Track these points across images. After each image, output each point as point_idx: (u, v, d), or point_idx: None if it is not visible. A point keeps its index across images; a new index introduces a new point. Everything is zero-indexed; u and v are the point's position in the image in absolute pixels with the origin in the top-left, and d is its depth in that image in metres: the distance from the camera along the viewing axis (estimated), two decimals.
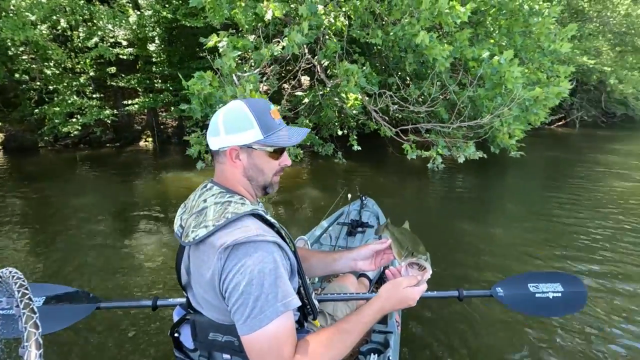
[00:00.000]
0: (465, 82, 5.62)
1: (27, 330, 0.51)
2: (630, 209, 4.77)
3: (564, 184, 6.23)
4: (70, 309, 1.29)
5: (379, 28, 4.22)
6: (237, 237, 0.77)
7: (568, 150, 10.09)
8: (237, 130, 0.88)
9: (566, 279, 1.38)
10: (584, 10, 9.72)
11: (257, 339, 0.74)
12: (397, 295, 0.88)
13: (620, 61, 10.28)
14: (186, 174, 6.79)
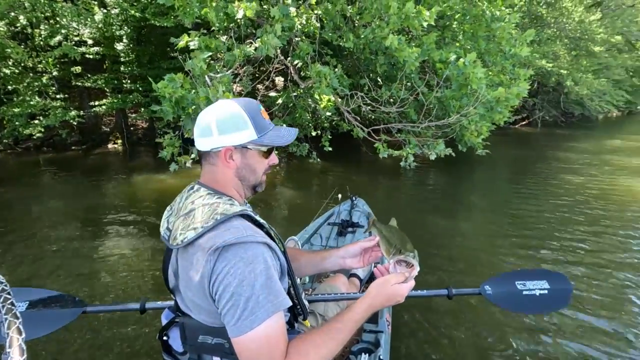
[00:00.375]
0: (434, 84, 5.86)
1: (9, 336, 0.50)
2: (585, 201, 5.14)
3: (527, 179, 6.61)
4: (55, 313, 1.26)
5: (350, 31, 4.33)
6: (227, 239, 0.76)
7: (530, 148, 10.67)
8: (232, 130, 0.87)
9: (552, 276, 1.39)
10: (542, 17, 10.31)
11: (248, 340, 0.74)
12: (386, 292, 0.88)
13: (576, 64, 11.00)
14: (158, 176, 6.64)
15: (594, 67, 12.68)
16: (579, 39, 10.84)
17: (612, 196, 5.40)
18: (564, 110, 16.09)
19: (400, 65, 4.33)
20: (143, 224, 4.40)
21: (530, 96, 15.53)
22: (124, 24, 7.89)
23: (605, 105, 15.07)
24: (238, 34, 4.92)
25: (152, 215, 4.65)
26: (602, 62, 12.89)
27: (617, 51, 15.36)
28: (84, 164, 8.24)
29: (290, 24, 3.72)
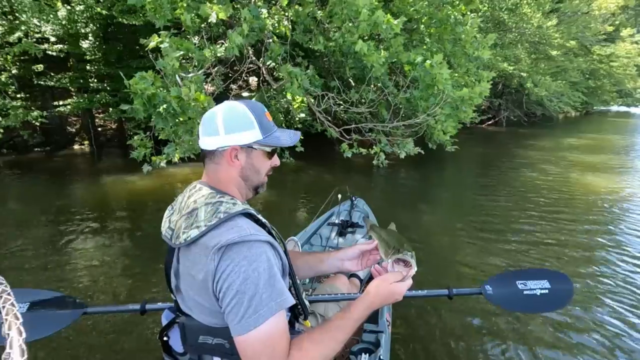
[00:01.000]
0: (403, 85, 6.08)
1: (9, 337, 0.50)
2: (539, 193, 5.51)
3: (491, 174, 6.99)
4: (56, 314, 1.26)
5: (321, 34, 4.44)
6: (230, 237, 0.76)
7: (495, 146, 11.22)
8: (239, 129, 0.87)
9: (554, 275, 1.40)
10: (504, 22, 10.86)
11: (252, 339, 0.74)
12: (385, 290, 0.89)
13: (535, 67, 11.68)
14: (129, 177, 6.50)
15: (552, 70, 13.48)
16: (538, 43, 11.52)
17: (564, 188, 5.81)
18: (526, 111, 17.01)
19: (368, 68, 4.48)
20: (115, 226, 4.32)
21: (496, 97, 16.33)
22: (90, 21, 7.64)
23: (564, 105, 16.05)
24: (209, 34, 4.92)
25: (124, 218, 4.57)
26: (560, 66, 13.74)
27: (573, 55, 16.41)
28: (48, 166, 7.90)
29: (261, 25, 3.78)
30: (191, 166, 7.07)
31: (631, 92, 33.88)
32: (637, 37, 27.11)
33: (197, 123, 3.57)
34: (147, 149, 3.99)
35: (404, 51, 5.61)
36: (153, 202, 5.37)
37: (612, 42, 23.75)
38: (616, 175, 6.75)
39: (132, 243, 3.87)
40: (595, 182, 6.20)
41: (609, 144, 11.28)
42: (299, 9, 4.52)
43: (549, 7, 13.60)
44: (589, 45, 18.11)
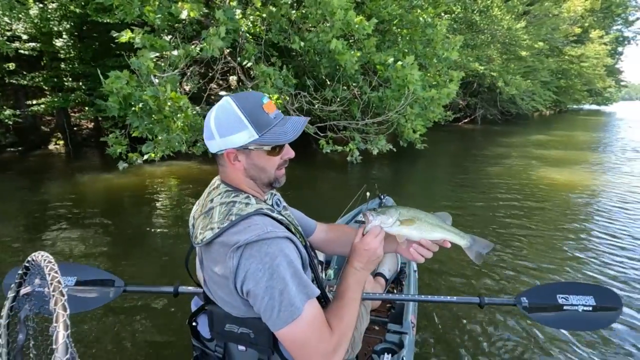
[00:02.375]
0: (375, 84, 6.31)
1: (56, 312, 0.53)
2: (508, 186, 5.83)
3: (464, 169, 7.31)
4: (100, 291, 1.33)
5: (296, 34, 4.60)
6: (249, 236, 0.76)
7: (469, 143, 11.65)
8: (230, 132, 0.83)
9: (601, 292, 1.28)
10: (476, 23, 11.28)
11: (295, 330, 0.75)
12: (356, 253, 0.90)
13: (506, 67, 12.18)
14: (105, 175, 6.49)
15: (523, 70, 14.06)
16: (508, 44, 12.02)
17: (527, 181, 6.17)
18: (501, 109, 17.66)
19: (342, 68, 4.67)
20: (91, 222, 4.37)
21: (471, 96, 16.88)
22: (64, 19, 7.55)
23: (535, 104, 16.75)
24: (184, 34, 5.01)
25: (99, 215, 4.61)
26: (530, 66, 14.35)
27: (545, 56, 17.12)
28: (21, 166, 7.77)
29: (235, 27, 3.91)
30: (169, 164, 7.12)
31: (601, 92, 35.49)
32: (606, 39, 28.51)
33: (172, 121, 3.67)
34: (122, 146, 4.06)
35: (377, 52, 5.84)
36: (130, 200, 5.41)
37: (582, 43, 24.86)
38: (583, 170, 7.20)
39: (109, 238, 3.95)
40: (558, 176, 6.59)
41: (576, 141, 11.90)
42: (273, 10, 4.67)
43: (521, 9, 14.20)
44: (560, 46, 18.93)
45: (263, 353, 0.87)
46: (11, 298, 0.73)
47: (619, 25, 35.84)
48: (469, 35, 11.31)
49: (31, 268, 0.75)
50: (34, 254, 0.73)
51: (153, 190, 5.80)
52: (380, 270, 1.91)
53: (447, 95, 5.78)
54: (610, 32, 32.44)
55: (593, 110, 46.65)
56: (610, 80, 36.50)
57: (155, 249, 3.65)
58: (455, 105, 14.77)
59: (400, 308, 1.74)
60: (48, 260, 0.66)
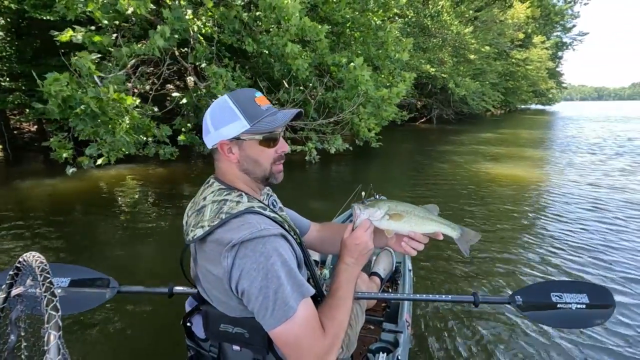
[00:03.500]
0: (330, 85, 6.48)
1: (47, 313, 0.53)
2: (454, 180, 6.21)
3: (419, 164, 7.67)
4: (94, 292, 1.31)
5: (249, 36, 4.63)
6: (242, 235, 0.76)
7: (424, 141, 12.21)
8: (223, 123, 0.86)
9: (594, 289, 1.30)
10: (428, 27, 11.84)
11: (289, 328, 0.75)
12: (346, 248, 0.91)
13: (456, 69, 12.92)
14: (49, 180, 6.12)
15: (472, 72, 14.95)
16: (458, 47, 12.75)
17: (478, 176, 6.60)
18: (455, 109, 18.64)
19: (294, 71, 4.76)
20: (32, 230, 4.13)
21: (427, 97, 17.67)
22: None
23: (485, 104, 17.84)
24: (132, 32, 4.87)
25: (42, 223, 4.36)
26: (479, 68, 15.28)
27: (493, 59, 18.29)
28: None
29: (183, 27, 3.88)
30: (124, 167, 6.85)
31: (544, 92, 38.48)
32: (547, 44, 30.96)
33: (118, 123, 3.58)
34: (67, 150, 3.89)
35: (331, 53, 6.01)
36: (78, 205, 5.16)
37: (527, 48, 26.83)
38: (526, 164, 7.80)
39: (52, 244, 3.76)
40: (499, 170, 7.12)
41: (518, 138, 12.86)
42: (224, 11, 4.67)
43: (471, 14, 15.08)
44: (507, 49, 20.30)
45: (258, 353, 0.87)
46: (2, 299, 0.72)
47: (559, 31, 39.04)
48: (422, 38, 11.86)
49: (22, 269, 0.74)
50: (25, 255, 0.72)
51: (102, 195, 5.57)
52: (375, 270, 1.92)
53: (397, 95, 6.05)
54: (551, 37, 35.21)
55: (539, 109, 50.27)
56: (553, 82, 39.69)
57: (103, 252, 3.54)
58: (412, 105, 15.41)
59: (396, 307, 1.76)
60: (40, 261, 0.66)
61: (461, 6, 12.95)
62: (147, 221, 4.21)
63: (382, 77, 7.22)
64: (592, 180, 6.20)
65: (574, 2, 40.03)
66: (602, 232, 3.84)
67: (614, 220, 4.21)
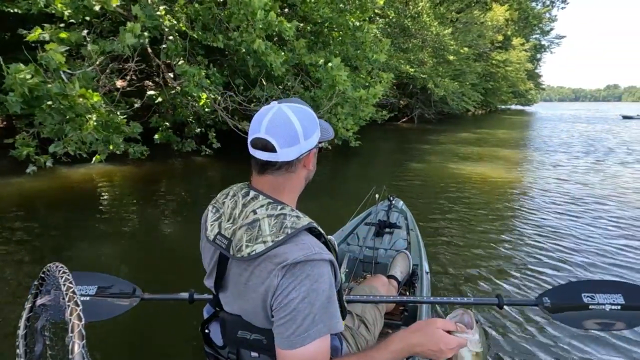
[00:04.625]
0: (309, 85, 6.51)
1: (71, 322, 0.53)
2: (428, 178, 6.36)
3: (398, 162, 7.80)
4: (119, 299, 1.34)
5: (221, 32, 4.61)
6: (296, 256, 0.75)
7: (404, 140, 12.40)
8: (312, 132, 0.84)
9: (631, 289, 1.21)
10: (409, 28, 12.00)
11: (296, 356, 0.75)
12: (427, 330, 0.83)
13: (435, 70, 13.16)
14: (15, 179, 5.95)
15: (451, 72, 15.25)
16: (437, 48, 12.99)
17: (444, 174, 6.77)
18: (436, 109, 18.97)
19: (269, 68, 4.76)
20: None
21: (408, 97, 17.91)
22: None
23: (465, 105, 18.22)
24: (103, 28, 4.78)
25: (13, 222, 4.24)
26: (458, 69, 15.60)
27: (473, 60, 18.69)
28: None
29: (154, 24, 3.83)
30: (94, 167, 6.70)
31: (523, 93, 39.61)
32: (526, 46, 31.85)
33: (85, 120, 3.51)
34: (30, 148, 3.79)
35: (309, 53, 6.03)
36: (45, 203, 5.04)
37: (506, 49, 27.53)
38: (502, 164, 8.03)
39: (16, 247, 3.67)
40: (469, 168, 7.32)
41: (494, 137, 13.21)
42: (198, 7, 4.63)
43: (452, 16, 15.37)
44: (488, 51, 20.76)
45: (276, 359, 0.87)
46: (28, 309, 0.74)
47: (537, 34, 40.20)
48: (402, 39, 12.02)
49: (47, 279, 0.75)
50: (49, 265, 0.73)
51: (72, 193, 5.44)
52: (393, 273, 1.88)
53: (374, 95, 6.12)
54: (530, 40, 36.22)
55: (518, 110, 51.62)
56: (531, 83, 40.89)
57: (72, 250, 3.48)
58: (394, 105, 15.60)
59: (414, 311, 1.74)
60: (62, 271, 0.67)
61: (440, 8, 13.18)
62: (116, 220, 4.15)
63: (360, 78, 7.29)
64: (563, 177, 6.45)
65: (552, 6, 41.41)
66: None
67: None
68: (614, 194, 5.48)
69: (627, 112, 29.90)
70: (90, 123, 3.18)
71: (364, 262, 2.18)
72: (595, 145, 10.94)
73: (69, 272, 0.67)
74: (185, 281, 2.22)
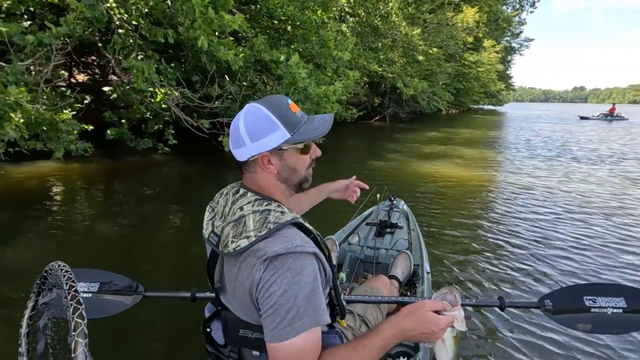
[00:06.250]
0: (271, 82, 6.43)
1: (73, 320, 0.53)
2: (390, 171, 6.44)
3: (361, 159, 7.85)
4: (122, 296, 1.34)
5: (171, 27, 4.47)
6: (277, 249, 0.75)
7: (373, 138, 12.52)
8: (263, 135, 0.82)
9: (632, 292, 1.22)
10: (379, 27, 12.10)
11: (284, 349, 0.74)
12: (418, 314, 0.83)
13: (405, 70, 13.35)
14: None
15: (421, 72, 15.50)
16: (407, 48, 13.17)
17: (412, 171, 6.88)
18: (410, 108, 19.28)
19: (224, 64, 4.67)
20: None
21: (381, 96, 18.12)
22: None
23: (436, 104, 18.60)
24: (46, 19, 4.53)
25: None
26: (429, 69, 15.89)
27: (445, 60, 19.08)
28: None
29: (94, 15, 3.67)
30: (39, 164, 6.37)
31: (495, 94, 40.92)
32: (497, 48, 32.88)
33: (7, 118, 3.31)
34: None
35: (270, 50, 5.95)
36: None
37: (478, 51, 28.30)
38: (465, 163, 8.24)
39: None
40: (429, 166, 7.48)
41: (459, 136, 13.57)
42: (149, 1, 4.47)
43: (424, 16, 15.61)
44: (459, 52, 21.25)
45: None
46: (30, 307, 0.75)
47: (508, 37, 41.59)
48: (372, 38, 12.11)
49: (49, 277, 0.75)
50: (51, 264, 0.73)
51: (17, 192, 5.16)
52: (394, 273, 1.88)
53: (334, 93, 6.11)
54: (501, 42, 37.42)
55: (490, 109, 53.34)
56: (502, 84, 42.29)
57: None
58: (366, 103, 15.73)
59: None
60: (65, 269, 0.67)
61: (409, 8, 13.36)
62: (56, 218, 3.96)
63: (325, 76, 7.28)
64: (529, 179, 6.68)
65: (521, 10, 42.94)
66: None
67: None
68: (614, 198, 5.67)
69: (583, 113, 31.61)
70: (12, 120, 2.98)
71: (365, 262, 2.19)
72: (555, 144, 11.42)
73: (71, 271, 0.67)
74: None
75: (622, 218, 4.40)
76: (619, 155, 9.52)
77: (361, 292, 1.45)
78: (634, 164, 8.26)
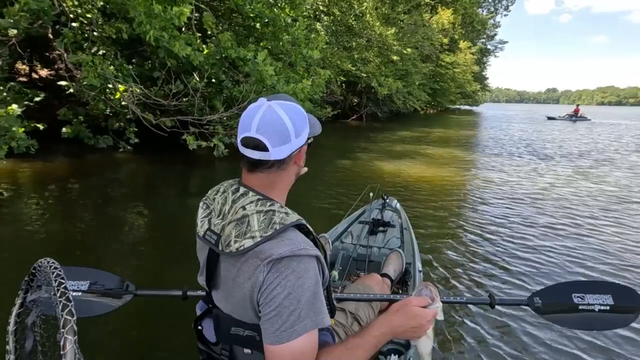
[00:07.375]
0: (238, 79, 6.34)
1: (63, 318, 0.53)
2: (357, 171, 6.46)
3: (330, 158, 7.85)
4: (113, 295, 1.33)
5: (126, 22, 4.32)
6: (282, 251, 0.75)
7: (348, 137, 12.59)
8: (301, 130, 0.84)
9: (619, 290, 1.24)
10: (353, 27, 12.15)
11: (284, 351, 0.75)
12: (406, 310, 0.87)
13: (379, 69, 13.47)
14: None
15: (396, 72, 15.68)
16: (382, 48, 13.29)
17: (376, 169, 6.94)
18: (387, 108, 19.48)
19: (182, 60, 4.55)
20: None
21: (358, 95, 18.22)
22: None
23: (412, 104, 18.87)
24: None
25: None
26: (404, 69, 16.09)
27: (421, 61, 19.38)
28: None
29: (41, 7, 3.49)
30: None
31: (471, 94, 41.98)
32: (473, 49, 33.73)
33: None
34: None
35: (237, 47, 5.85)
36: None
37: (454, 52, 28.93)
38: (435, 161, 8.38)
39: None
40: (392, 164, 7.57)
41: (429, 135, 13.83)
42: None
43: (398, 17, 15.78)
44: (436, 52, 21.64)
45: None
46: (18, 304, 0.74)
47: (483, 39, 42.74)
48: (347, 37, 12.14)
49: (37, 274, 0.75)
50: (40, 260, 0.72)
51: None
52: (386, 271, 1.89)
53: (301, 90, 6.09)
54: (477, 43, 38.39)
55: (467, 109, 54.67)
56: (478, 85, 43.43)
57: None
58: (342, 102, 15.77)
59: None
60: (54, 266, 0.67)
61: (383, 8, 13.49)
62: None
63: (295, 74, 7.23)
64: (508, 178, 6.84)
65: (496, 13, 44.21)
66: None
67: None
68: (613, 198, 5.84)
69: (551, 114, 32.97)
70: None
71: (358, 260, 2.20)
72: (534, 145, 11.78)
73: (61, 268, 0.66)
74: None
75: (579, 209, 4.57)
76: (582, 152, 9.95)
77: (353, 290, 1.47)
78: (592, 160, 8.64)
